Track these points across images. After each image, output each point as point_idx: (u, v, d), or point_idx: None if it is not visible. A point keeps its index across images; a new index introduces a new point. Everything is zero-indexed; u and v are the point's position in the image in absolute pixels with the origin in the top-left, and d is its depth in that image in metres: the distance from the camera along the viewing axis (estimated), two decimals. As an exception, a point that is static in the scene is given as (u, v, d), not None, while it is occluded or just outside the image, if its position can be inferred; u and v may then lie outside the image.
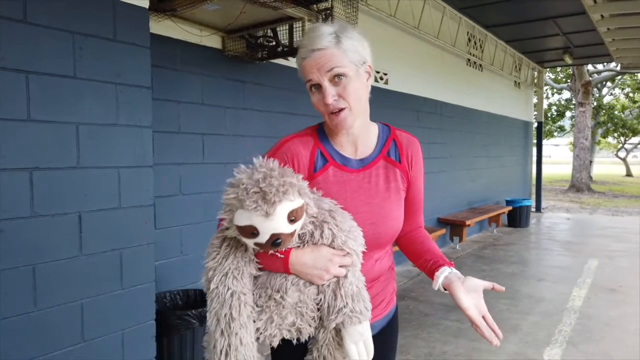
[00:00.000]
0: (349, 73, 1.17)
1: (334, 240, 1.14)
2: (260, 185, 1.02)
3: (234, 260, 1.11)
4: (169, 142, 3.26)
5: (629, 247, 7.38)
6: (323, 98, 1.17)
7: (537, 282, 5.39)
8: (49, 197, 2.10)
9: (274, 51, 3.65)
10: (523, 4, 6.75)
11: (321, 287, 1.14)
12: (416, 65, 6.46)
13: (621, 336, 3.77)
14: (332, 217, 1.15)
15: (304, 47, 1.18)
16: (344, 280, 1.14)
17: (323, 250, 1.13)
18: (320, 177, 1.24)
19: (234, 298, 1.09)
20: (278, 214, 1.03)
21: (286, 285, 1.12)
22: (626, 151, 29.08)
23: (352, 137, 1.28)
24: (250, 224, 1.03)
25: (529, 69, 10.88)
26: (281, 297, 1.11)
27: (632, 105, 22.51)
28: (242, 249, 1.12)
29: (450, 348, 3.51)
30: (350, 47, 1.17)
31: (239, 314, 1.08)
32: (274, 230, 1.04)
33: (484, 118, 8.64)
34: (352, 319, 1.12)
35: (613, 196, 16.45)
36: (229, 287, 1.09)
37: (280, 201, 1.03)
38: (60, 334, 2.15)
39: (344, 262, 1.14)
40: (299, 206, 1.07)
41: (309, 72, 1.17)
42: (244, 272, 1.11)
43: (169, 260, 3.28)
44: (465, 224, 6.90)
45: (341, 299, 1.12)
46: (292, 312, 1.12)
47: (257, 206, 1.02)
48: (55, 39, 2.10)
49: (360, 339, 1.13)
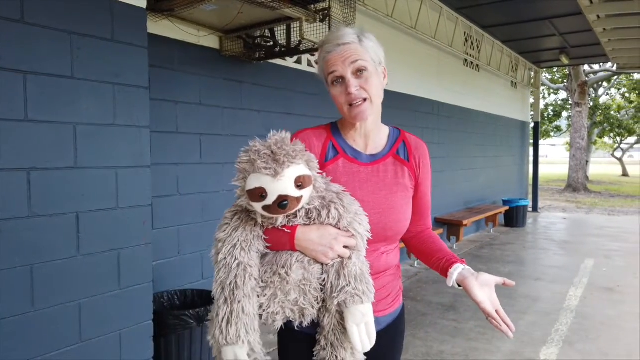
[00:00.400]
0: (370, 68, 1.26)
1: (340, 220, 1.18)
2: (272, 148, 1.10)
3: (243, 232, 1.15)
4: (167, 142, 3.26)
5: (625, 246, 7.41)
6: (346, 89, 1.24)
7: (534, 281, 5.41)
8: (47, 197, 2.09)
9: (271, 51, 3.66)
10: (520, 4, 6.77)
11: (325, 267, 1.17)
12: (413, 66, 6.47)
13: (617, 335, 3.79)
14: (340, 199, 1.19)
15: (329, 42, 1.26)
16: (348, 261, 1.16)
17: (329, 229, 1.17)
18: (330, 166, 1.31)
19: (240, 268, 1.12)
20: (286, 175, 1.09)
21: (291, 261, 1.15)
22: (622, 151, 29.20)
23: (365, 133, 1.35)
24: (260, 185, 1.09)
25: (526, 69, 10.90)
26: (286, 272, 1.14)
27: (628, 105, 22.59)
28: (252, 224, 1.17)
29: (448, 347, 3.52)
30: (371, 46, 1.28)
31: (243, 283, 1.12)
32: (281, 191, 1.09)
33: (481, 118, 8.66)
34: (354, 298, 1.13)
35: (609, 196, 16.51)
36: (236, 257, 1.13)
37: (290, 164, 1.10)
38: (58, 334, 2.15)
39: (348, 243, 1.17)
40: (307, 174, 1.13)
41: (333, 65, 1.24)
42: (252, 245, 1.15)
43: (167, 260, 3.28)
44: (462, 224, 6.92)
45: (344, 278, 1.15)
46: (295, 289, 1.15)
47: (267, 166, 1.08)
48: (52, 39, 2.10)
49: (362, 321, 1.14)
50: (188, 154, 3.42)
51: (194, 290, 3.23)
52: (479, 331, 3.81)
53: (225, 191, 3.65)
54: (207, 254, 3.75)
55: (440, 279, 1.37)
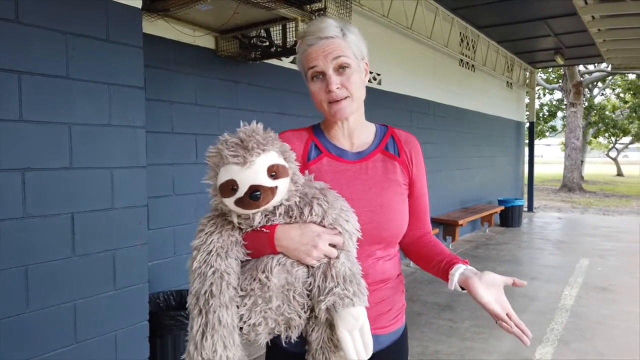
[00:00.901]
0: (352, 65, 1.18)
1: (325, 217, 1.07)
2: (241, 136, 1.02)
3: (219, 238, 1.06)
4: (162, 142, 3.25)
5: (620, 246, 7.45)
6: (326, 86, 1.17)
7: (529, 281, 5.42)
8: (42, 197, 2.09)
9: (267, 51, 3.65)
10: (515, 5, 6.79)
11: (311, 269, 1.06)
12: (409, 66, 6.49)
13: (612, 334, 3.81)
14: (323, 195, 1.10)
15: (311, 34, 1.17)
16: (336, 260, 1.06)
17: (312, 227, 1.07)
18: (314, 166, 1.22)
19: (216, 276, 1.02)
20: (257, 163, 1.00)
21: (271, 265, 1.03)
22: (617, 151, 29.33)
23: (348, 131, 1.26)
24: (230, 177, 1.00)
25: (521, 69, 10.94)
26: (266, 277, 1.02)
27: (623, 105, 22.69)
28: (229, 228, 1.07)
29: (443, 347, 3.53)
30: (354, 40, 1.20)
31: (220, 292, 1.01)
32: (252, 181, 1.00)
33: (476, 118, 8.68)
34: (344, 300, 1.01)
35: (604, 196, 16.59)
36: (212, 265, 1.03)
37: (260, 151, 1.01)
38: (52, 336, 2.14)
39: (334, 241, 1.07)
40: (281, 163, 1.04)
41: (314, 59, 1.16)
42: (229, 251, 1.05)
43: (163, 260, 3.27)
44: (458, 224, 6.94)
45: (332, 279, 1.04)
46: (278, 296, 1.03)
47: (235, 154, 1.00)
48: (47, 39, 2.10)
49: (356, 327, 1.01)
50: (184, 154, 3.42)
51: (189, 290, 3.22)
52: (475, 331, 3.82)
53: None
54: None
55: (436, 278, 1.31)
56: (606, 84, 22.36)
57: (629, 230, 8.99)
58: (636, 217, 11.09)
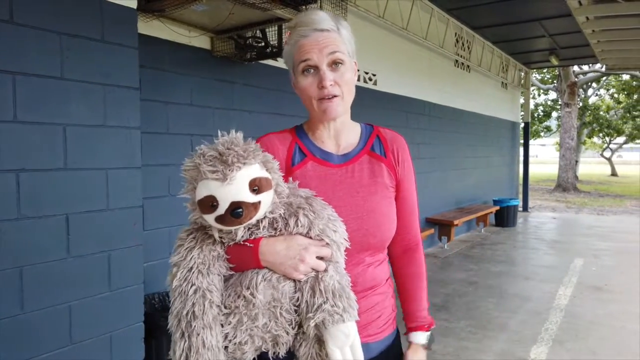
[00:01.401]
0: (346, 62, 1.13)
1: (311, 228, 1.02)
2: (219, 149, 0.96)
3: (200, 254, 0.99)
4: (158, 142, 3.25)
5: (614, 246, 7.49)
6: (319, 81, 1.11)
7: (524, 281, 5.45)
8: (36, 198, 2.08)
9: (262, 52, 3.65)
10: (510, 5, 6.82)
11: (298, 284, 1.01)
12: (404, 66, 6.50)
13: (606, 334, 3.83)
14: (309, 204, 1.04)
15: (305, 25, 1.11)
16: (324, 274, 1.00)
17: (298, 239, 1.01)
18: (298, 171, 1.16)
19: (198, 294, 0.96)
20: (237, 178, 0.94)
21: (256, 280, 0.98)
22: (611, 151, 29.50)
23: (334, 132, 1.21)
24: (209, 193, 0.94)
25: (516, 70, 10.98)
26: (251, 294, 0.97)
27: (617, 105, 22.83)
28: (210, 242, 1.01)
29: (439, 347, 3.53)
30: (347, 37, 1.15)
31: (202, 312, 0.95)
32: (233, 197, 0.94)
33: (471, 119, 8.71)
34: (334, 317, 0.97)
35: (598, 195, 16.68)
36: (193, 283, 0.97)
37: (240, 165, 0.95)
38: (47, 337, 2.13)
39: (322, 253, 1.01)
40: (264, 176, 0.98)
41: (307, 52, 1.10)
42: (211, 267, 0.99)
43: (158, 261, 3.26)
44: (453, 224, 6.95)
45: (320, 294, 0.98)
46: (264, 313, 0.98)
47: (214, 169, 0.93)
48: (42, 40, 2.09)
49: (346, 343, 0.97)
50: (179, 154, 3.38)
51: (185, 291, 3.22)
52: (470, 330, 3.83)
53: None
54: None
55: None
56: (600, 85, 22.48)
57: (623, 230, 9.04)
58: (630, 217, 11.15)
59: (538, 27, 7.98)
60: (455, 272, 5.75)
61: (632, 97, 21.23)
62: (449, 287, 5.11)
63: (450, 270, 5.85)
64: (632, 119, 22.44)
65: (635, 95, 21.00)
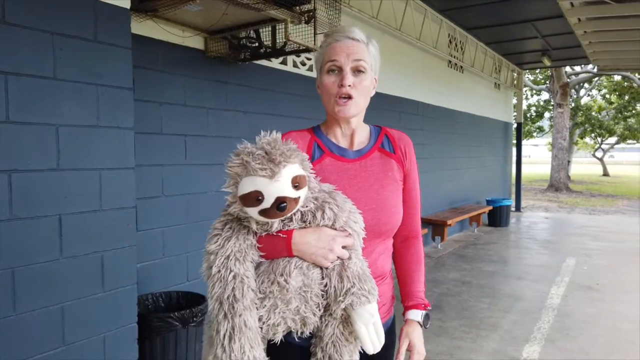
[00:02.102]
0: (368, 72, 1.28)
1: (336, 220, 1.14)
2: (266, 149, 1.06)
3: (236, 242, 1.09)
4: (151, 143, 3.24)
5: (606, 245, 7.55)
6: (341, 80, 1.25)
7: (516, 280, 5.48)
8: (29, 199, 2.07)
9: (256, 52, 3.65)
10: (503, 7, 6.85)
11: (325, 271, 1.12)
12: (398, 67, 6.52)
13: (598, 333, 3.86)
14: (333, 198, 1.16)
15: (340, 32, 1.28)
16: (349, 262, 1.12)
17: (326, 230, 1.14)
18: (317, 166, 1.29)
19: (237, 280, 1.06)
20: (283, 175, 1.05)
21: (289, 268, 1.09)
22: (603, 151, 29.73)
23: (349, 131, 1.35)
24: (255, 189, 1.04)
25: (509, 70, 11.04)
26: (285, 280, 1.08)
27: (609, 106, 23.01)
28: (245, 232, 1.11)
29: (432, 346, 3.55)
30: (373, 53, 1.31)
31: (242, 295, 1.05)
32: (279, 193, 1.04)
33: (464, 119, 8.75)
34: (361, 299, 1.09)
35: (590, 195, 16.80)
36: (232, 269, 1.07)
37: (286, 163, 1.06)
38: (40, 338, 2.12)
39: (346, 243, 1.14)
40: (302, 174, 1.10)
41: (336, 54, 1.26)
42: (246, 255, 1.09)
43: (151, 262, 3.26)
44: (447, 224, 6.98)
45: (348, 280, 1.10)
46: (296, 297, 1.09)
47: (262, 167, 1.03)
48: (34, 40, 2.08)
49: (371, 321, 1.11)
50: (173, 155, 3.40)
51: (179, 292, 3.21)
52: (463, 330, 3.85)
53: (213, 192, 3.64)
54: (192, 256, 3.71)
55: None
56: (592, 85, 22.65)
57: (614, 230, 9.12)
58: (622, 216, 11.25)
59: (530, 28, 8.03)
60: (449, 272, 5.78)
61: (624, 97, 21.40)
62: (443, 286, 5.14)
63: (443, 270, 5.87)
64: (624, 120, 22.63)
65: (626, 96, 21.18)
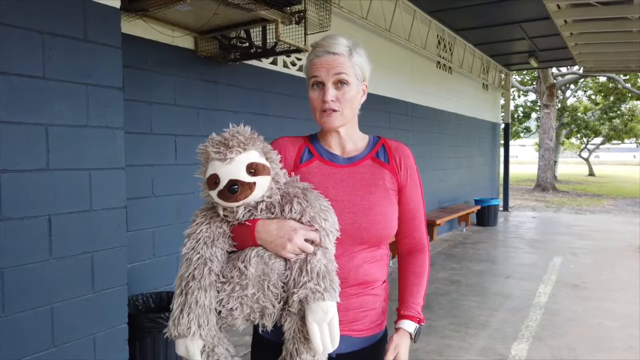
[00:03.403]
0: (351, 83, 1.28)
1: (303, 215, 1.16)
2: (225, 136, 1.15)
3: (208, 229, 1.16)
4: (141, 143, 3.22)
5: (592, 244, 7.66)
6: (323, 95, 1.27)
7: (504, 279, 5.54)
8: (18, 199, 2.05)
9: (247, 52, 3.65)
10: (490, 8, 6.92)
11: (289, 263, 1.14)
12: (387, 67, 6.55)
13: (584, 330, 3.92)
14: (304, 194, 1.18)
15: (321, 47, 1.28)
16: (312, 257, 1.13)
17: (289, 222, 1.16)
18: (304, 168, 1.31)
19: (200, 261, 1.13)
20: (236, 160, 1.12)
21: (250, 255, 1.13)
22: (589, 151, 30.10)
23: (341, 141, 1.36)
24: (213, 172, 1.13)
25: (497, 71, 11.14)
26: (244, 266, 1.12)
27: (594, 107, 23.31)
28: (219, 220, 1.18)
29: (422, 345, 3.58)
30: (358, 62, 1.31)
31: (201, 276, 1.12)
32: (231, 175, 1.11)
33: (453, 119, 8.81)
34: (316, 295, 1.09)
35: (576, 195, 17.01)
36: (198, 251, 1.14)
37: (240, 150, 1.12)
38: (30, 340, 2.11)
39: (309, 236, 1.14)
40: (261, 162, 1.15)
41: (317, 69, 1.27)
42: (215, 241, 1.16)
43: (142, 262, 3.24)
44: (436, 223, 7.02)
45: (306, 273, 1.12)
46: (254, 284, 1.12)
47: (217, 150, 1.12)
48: (23, 39, 2.06)
49: (324, 320, 1.09)
50: (163, 155, 3.39)
51: (169, 292, 3.20)
52: (453, 329, 3.88)
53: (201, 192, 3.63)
54: (183, 256, 3.68)
55: None
56: (578, 86, 22.92)
57: (600, 229, 9.25)
58: (607, 215, 11.41)
59: (518, 29, 8.12)
60: (438, 271, 5.82)
61: (609, 98, 21.71)
62: (432, 285, 5.17)
63: (432, 269, 5.90)
64: (609, 120, 22.95)
65: (611, 97, 21.48)
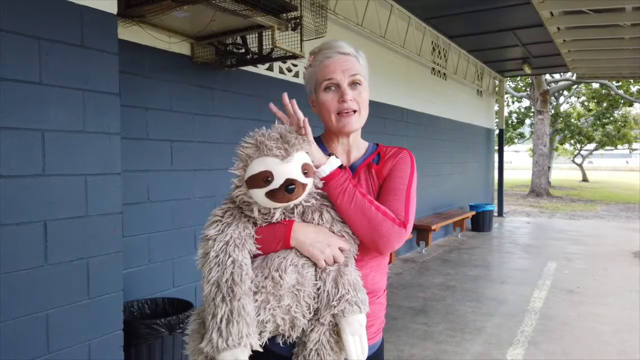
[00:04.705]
0: (364, 84, 1.29)
1: (333, 224, 1.14)
2: (282, 132, 1.09)
3: (236, 229, 1.08)
4: (137, 149, 3.22)
5: (586, 249, 7.70)
6: (341, 96, 1.25)
7: (499, 284, 5.55)
8: (13, 205, 2.04)
9: (243, 58, 3.66)
10: (484, 15, 6.99)
11: (320, 273, 1.12)
12: (383, 74, 6.58)
13: (579, 335, 3.94)
14: (331, 203, 1.17)
15: (330, 49, 1.27)
16: (345, 268, 1.12)
17: (325, 229, 1.15)
18: None
19: (236, 265, 1.04)
20: (295, 158, 1.06)
21: (285, 264, 1.08)
22: (582, 157, 30.27)
23: (347, 147, 1.35)
24: (266, 168, 1.04)
25: (491, 78, 11.22)
26: (279, 275, 1.06)
27: (588, 113, 23.48)
28: (245, 221, 1.11)
29: (418, 350, 3.58)
30: (364, 65, 1.32)
31: (241, 280, 1.03)
32: (289, 174, 1.05)
33: (447, 125, 8.85)
34: (354, 307, 1.09)
35: (570, 200, 17.09)
36: (230, 254, 1.05)
37: (299, 148, 1.08)
38: (24, 346, 2.09)
39: (342, 245, 1.14)
40: (310, 163, 1.11)
41: (331, 72, 1.25)
42: (245, 243, 1.08)
43: (137, 268, 3.23)
44: (431, 229, 7.04)
45: (343, 286, 1.10)
46: (288, 295, 1.07)
47: (277, 146, 1.05)
48: (20, 44, 2.06)
49: (359, 331, 1.11)
50: (158, 160, 3.39)
51: (165, 298, 3.19)
52: (449, 334, 3.89)
53: (197, 198, 3.63)
54: (178, 262, 3.67)
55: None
56: (571, 93, 23.10)
57: (594, 234, 9.30)
58: (601, 221, 11.47)
59: (511, 36, 8.19)
60: (433, 277, 5.82)
61: (602, 104, 21.88)
62: (427, 291, 5.18)
63: (428, 275, 5.92)
64: (602, 126, 23.10)
65: (604, 103, 21.65)
